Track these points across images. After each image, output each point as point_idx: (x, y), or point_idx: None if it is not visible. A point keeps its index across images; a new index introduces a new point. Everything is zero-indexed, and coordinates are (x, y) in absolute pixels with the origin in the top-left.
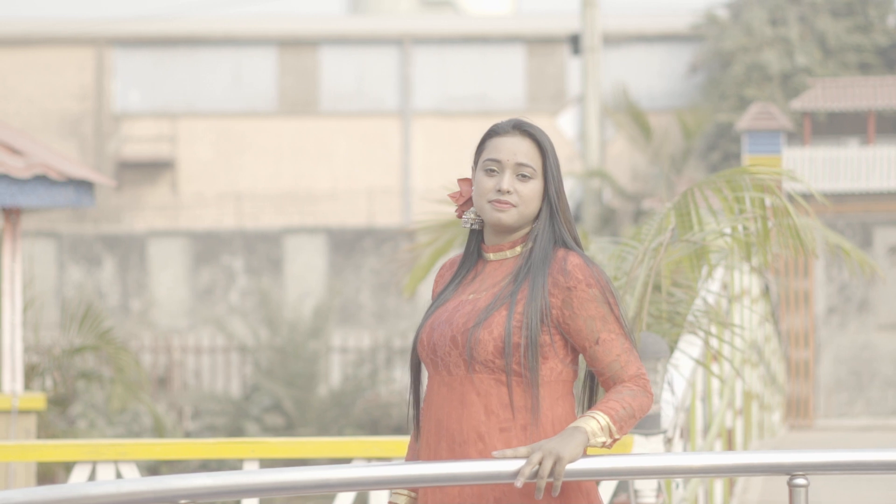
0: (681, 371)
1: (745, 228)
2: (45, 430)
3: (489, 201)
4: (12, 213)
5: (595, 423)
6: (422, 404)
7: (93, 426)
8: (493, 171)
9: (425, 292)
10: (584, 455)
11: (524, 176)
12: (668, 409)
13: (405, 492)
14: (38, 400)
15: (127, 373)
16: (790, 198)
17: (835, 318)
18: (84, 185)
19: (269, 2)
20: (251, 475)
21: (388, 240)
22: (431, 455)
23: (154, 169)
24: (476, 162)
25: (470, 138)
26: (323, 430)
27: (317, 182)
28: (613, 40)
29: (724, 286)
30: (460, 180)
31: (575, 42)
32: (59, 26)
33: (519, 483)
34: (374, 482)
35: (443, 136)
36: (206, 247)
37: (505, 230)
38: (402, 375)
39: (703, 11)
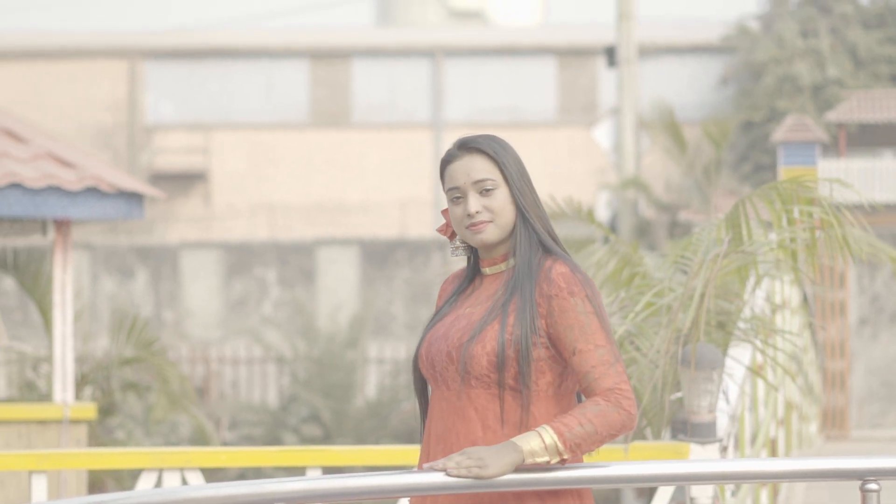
0: (734, 380)
1: (792, 240)
2: (94, 441)
3: (466, 227)
4: (63, 225)
5: (538, 441)
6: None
7: (130, 436)
8: (458, 198)
9: None
10: (526, 470)
11: (487, 190)
12: (723, 417)
13: None
14: (88, 410)
15: (171, 384)
16: (837, 208)
17: (867, 330)
18: (134, 197)
19: (301, 14)
20: (343, 480)
21: (421, 251)
22: None
23: (186, 181)
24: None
25: None
26: (360, 441)
27: (349, 193)
28: (645, 52)
29: (767, 296)
30: (444, 212)
31: (610, 54)
32: (92, 39)
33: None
34: (461, 486)
35: None
36: (239, 258)
37: (493, 246)
38: None
39: (734, 23)
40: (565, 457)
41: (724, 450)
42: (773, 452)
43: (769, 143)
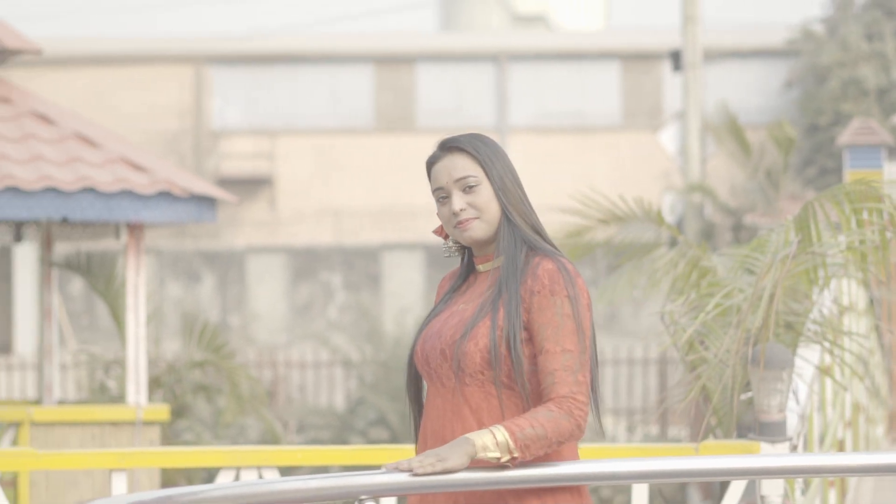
0: (804, 380)
1: (861, 242)
2: (165, 443)
3: (454, 227)
4: (136, 229)
5: (490, 437)
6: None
7: (199, 439)
8: (443, 198)
9: None
10: (480, 468)
11: (470, 187)
12: (792, 417)
13: None
14: (161, 412)
15: (240, 387)
16: None
17: None
18: (206, 201)
19: (365, 20)
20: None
21: None
22: None
23: (252, 185)
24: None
25: (566, 154)
26: None
27: (414, 198)
28: (709, 56)
29: (834, 298)
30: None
31: (675, 58)
32: (158, 45)
33: (391, 469)
34: (554, 478)
35: (539, 152)
36: (305, 263)
37: (484, 243)
38: None
39: (798, 27)
40: (515, 455)
41: (793, 449)
42: None
43: (834, 147)
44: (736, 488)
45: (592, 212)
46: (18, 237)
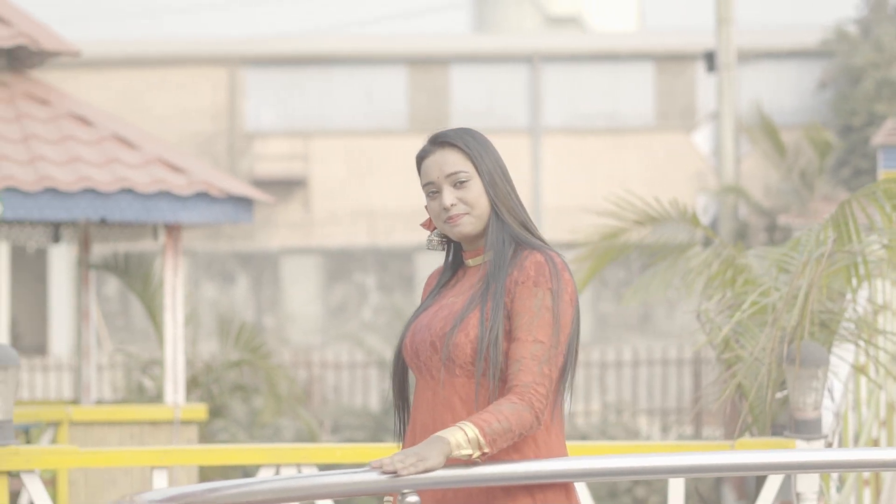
0: (839, 378)
1: None
2: (203, 442)
3: (443, 222)
4: (174, 230)
5: (462, 434)
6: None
7: (234, 439)
8: (434, 192)
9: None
10: (459, 465)
11: (461, 182)
12: (827, 415)
13: None
14: (199, 411)
15: (278, 387)
16: None
17: None
18: (243, 202)
19: (399, 21)
20: (466, 469)
21: None
22: None
23: (286, 187)
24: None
25: (599, 155)
26: None
27: None
28: (743, 56)
29: (869, 297)
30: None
31: (709, 59)
32: (193, 47)
33: (375, 467)
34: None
35: (572, 153)
36: (339, 264)
37: (474, 237)
38: None
39: (832, 28)
40: (486, 451)
41: (828, 446)
42: None
43: (868, 148)
44: (772, 485)
45: (627, 213)
46: (56, 238)
